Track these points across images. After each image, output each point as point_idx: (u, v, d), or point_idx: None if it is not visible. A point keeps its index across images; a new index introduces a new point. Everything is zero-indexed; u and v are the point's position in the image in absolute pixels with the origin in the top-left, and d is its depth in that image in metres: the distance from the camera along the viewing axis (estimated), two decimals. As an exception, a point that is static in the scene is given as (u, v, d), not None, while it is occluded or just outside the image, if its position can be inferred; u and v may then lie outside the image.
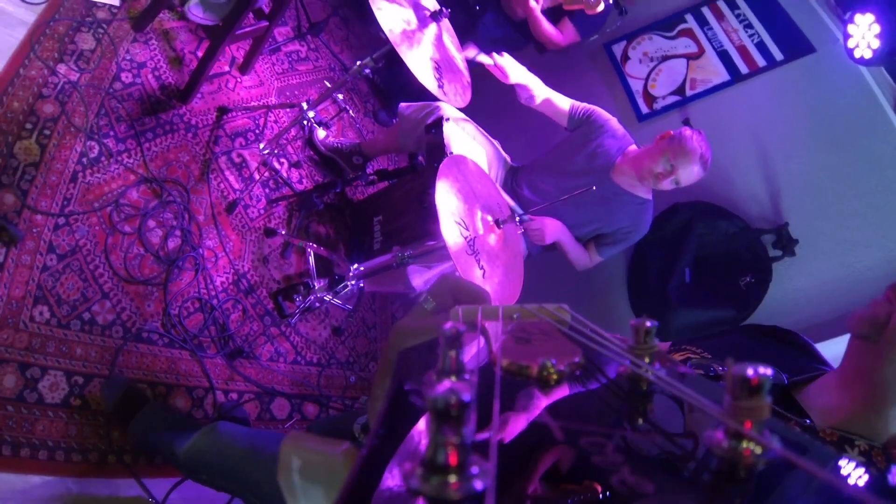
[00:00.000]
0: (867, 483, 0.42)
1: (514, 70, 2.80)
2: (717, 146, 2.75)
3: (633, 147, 2.89)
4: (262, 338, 2.87)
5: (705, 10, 3.64)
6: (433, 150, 2.75)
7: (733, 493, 0.35)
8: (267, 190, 3.17)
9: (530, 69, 2.91)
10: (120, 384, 2.22)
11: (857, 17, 2.82)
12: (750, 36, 3.46)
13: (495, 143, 3.16)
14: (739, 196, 3.39)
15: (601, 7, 2.90)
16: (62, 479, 2.01)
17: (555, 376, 0.46)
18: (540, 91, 2.89)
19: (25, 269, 2.16)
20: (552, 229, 2.85)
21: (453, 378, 0.39)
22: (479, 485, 0.29)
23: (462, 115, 2.98)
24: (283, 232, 3.10)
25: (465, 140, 2.90)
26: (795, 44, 3.29)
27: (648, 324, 0.50)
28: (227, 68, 3.18)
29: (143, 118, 2.70)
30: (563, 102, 2.95)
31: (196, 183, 2.83)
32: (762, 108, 3.42)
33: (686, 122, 3.45)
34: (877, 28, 2.75)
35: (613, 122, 2.95)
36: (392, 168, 3.59)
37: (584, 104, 2.97)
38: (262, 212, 3.09)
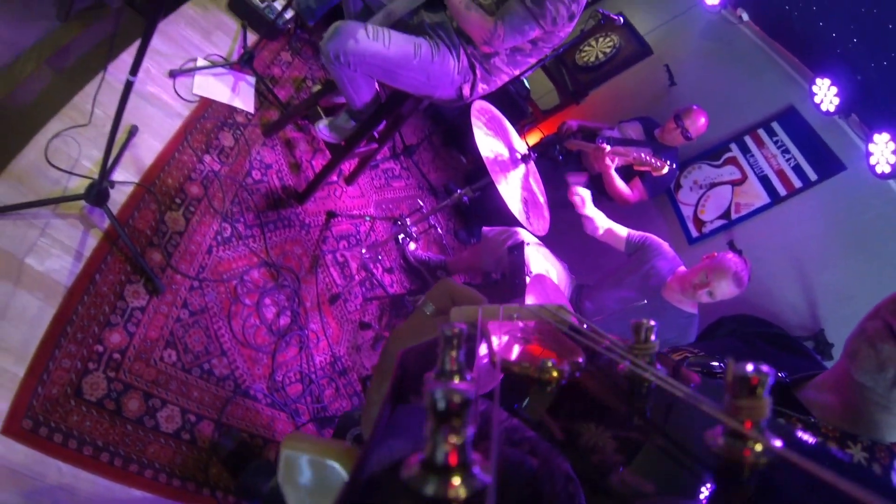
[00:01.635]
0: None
1: (589, 203, 2.95)
2: (758, 263, 2.75)
3: (683, 268, 2.93)
4: (350, 415, 2.78)
5: (747, 139, 3.73)
6: (514, 268, 2.81)
7: (734, 493, 0.33)
8: (363, 289, 3.23)
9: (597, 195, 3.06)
10: (235, 438, 2.24)
11: (876, 137, 2.91)
12: (787, 160, 3.51)
13: (564, 264, 3.21)
14: (779, 307, 3.30)
15: (665, 170, 3.04)
16: (159, 498, 1.99)
17: (555, 375, 0.43)
18: (603, 223, 3.03)
19: (162, 317, 2.23)
20: None
21: (456, 378, 0.36)
22: (479, 485, 0.26)
23: (536, 239, 3.07)
24: (376, 327, 3.10)
25: (541, 261, 2.98)
26: (828, 163, 3.33)
27: (653, 322, 0.48)
28: (335, 178, 3.36)
29: (267, 211, 2.85)
30: (622, 231, 3.05)
31: (306, 273, 2.91)
32: (799, 225, 3.41)
33: (731, 244, 3.47)
34: (892, 145, 2.85)
35: (665, 246, 3.01)
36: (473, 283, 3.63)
37: (640, 232, 3.06)
38: (358, 307, 3.13)
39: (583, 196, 3.03)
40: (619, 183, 3.47)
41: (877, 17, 2.75)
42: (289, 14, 3.10)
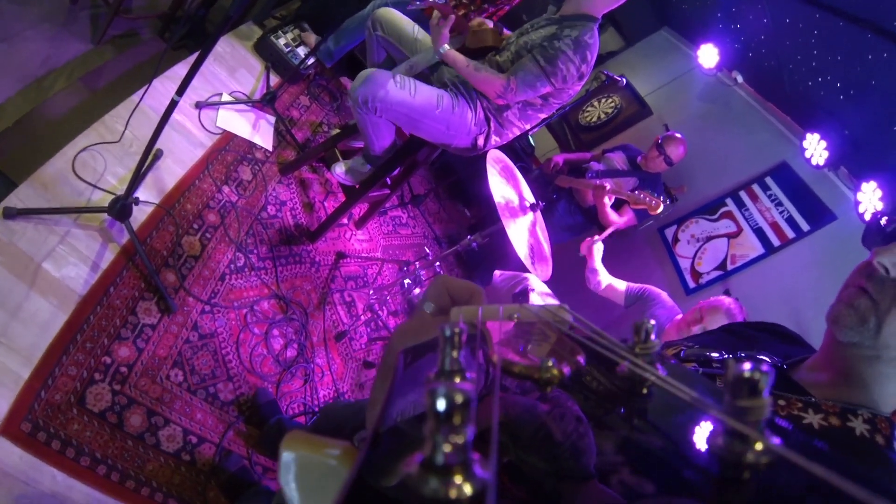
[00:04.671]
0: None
1: (597, 259, 2.91)
2: (754, 311, 2.68)
3: (680, 316, 2.85)
4: (351, 450, 2.60)
5: (742, 194, 3.72)
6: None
7: (734, 493, 0.31)
8: (369, 329, 3.11)
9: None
10: (235, 463, 2.10)
11: (864, 185, 2.91)
12: (780, 212, 3.49)
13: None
14: (773, 353, 3.22)
15: (661, 209, 3.02)
16: (153, 518, 1.84)
17: (555, 373, 0.41)
18: (604, 279, 2.96)
19: (172, 336, 2.13)
20: None
21: (457, 378, 0.35)
22: (478, 485, 0.25)
23: (545, 287, 3.00)
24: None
25: (546, 308, 2.90)
26: (819, 214, 3.31)
27: (652, 322, 0.46)
28: (346, 221, 3.30)
29: (279, 246, 2.77)
30: (621, 286, 2.98)
31: (314, 309, 2.80)
32: (793, 274, 3.35)
33: (726, 294, 3.40)
34: (879, 192, 2.84)
35: (664, 295, 2.93)
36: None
37: (639, 284, 3.00)
38: (363, 346, 3.01)
39: (594, 252, 2.98)
40: (613, 214, 3.46)
41: (860, 75, 2.79)
42: (310, 61, 3.11)
